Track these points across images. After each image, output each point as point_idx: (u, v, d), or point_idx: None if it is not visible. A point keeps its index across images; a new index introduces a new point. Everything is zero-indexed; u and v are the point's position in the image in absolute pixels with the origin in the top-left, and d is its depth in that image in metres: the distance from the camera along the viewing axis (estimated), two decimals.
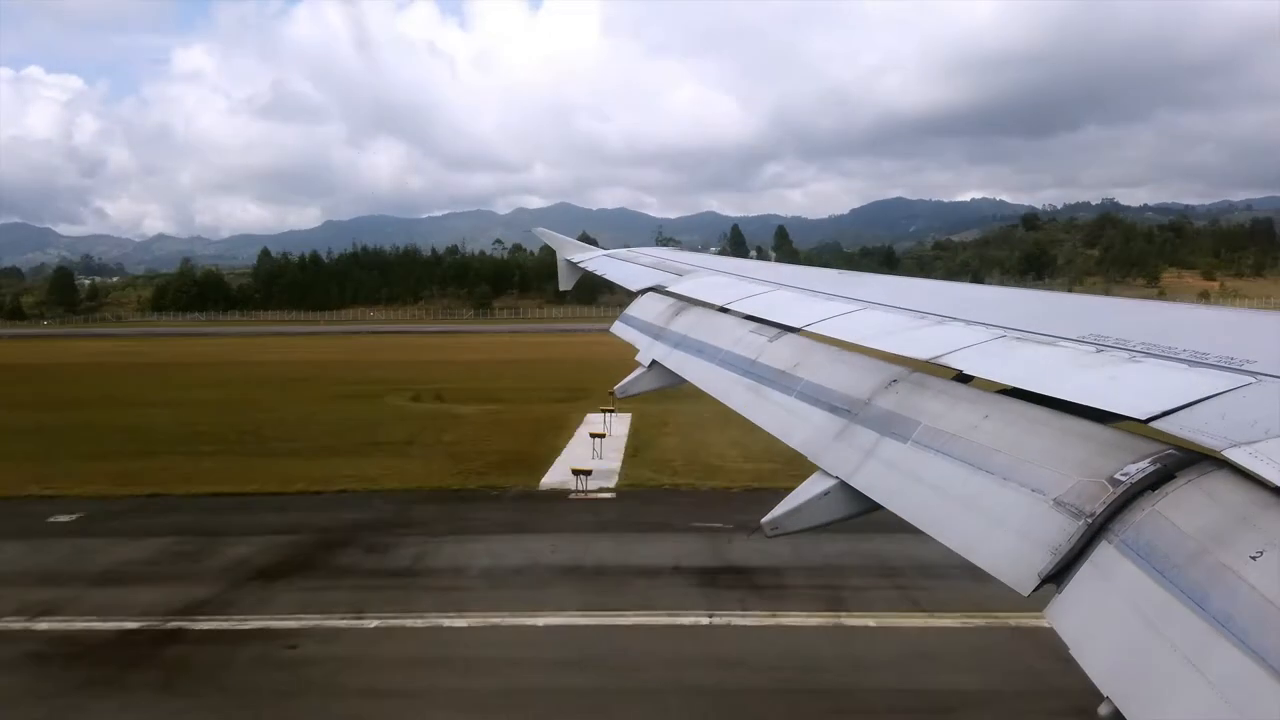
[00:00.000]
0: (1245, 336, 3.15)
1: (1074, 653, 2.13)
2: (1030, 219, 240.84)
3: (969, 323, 4.14)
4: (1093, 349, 3.28)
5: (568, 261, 14.11)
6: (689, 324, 6.95)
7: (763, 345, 5.32)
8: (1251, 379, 2.55)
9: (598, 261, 12.93)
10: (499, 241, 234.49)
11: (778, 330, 5.41)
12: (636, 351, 7.57)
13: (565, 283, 14.31)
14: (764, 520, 3.76)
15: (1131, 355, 3.09)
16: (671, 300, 7.96)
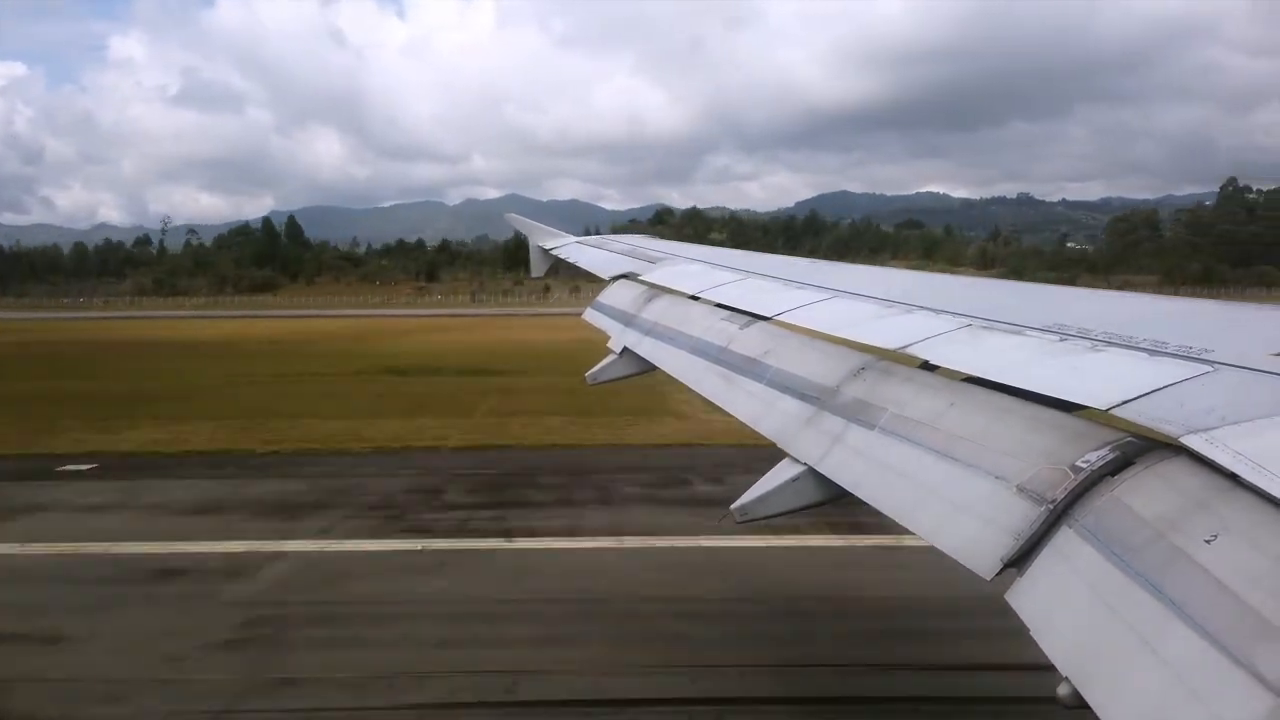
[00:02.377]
0: (1204, 327, 3.21)
1: (1034, 634, 2.18)
2: (664, 214, 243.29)
3: (936, 311, 4.18)
4: (1056, 338, 3.33)
5: (540, 248, 14.01)
6: (660, 311, 6.95)
7: (734, 333, 5.34)
8: (1209, 368, 2.60)
9: (570, 248, 12.85)
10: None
11: (749, 318, 5.43)
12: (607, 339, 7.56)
13: (537, 269, 14.22)
14: (733, 506, 3.79)
15: (1094, 344, 3.15)
16: (643, 288, 7.96)
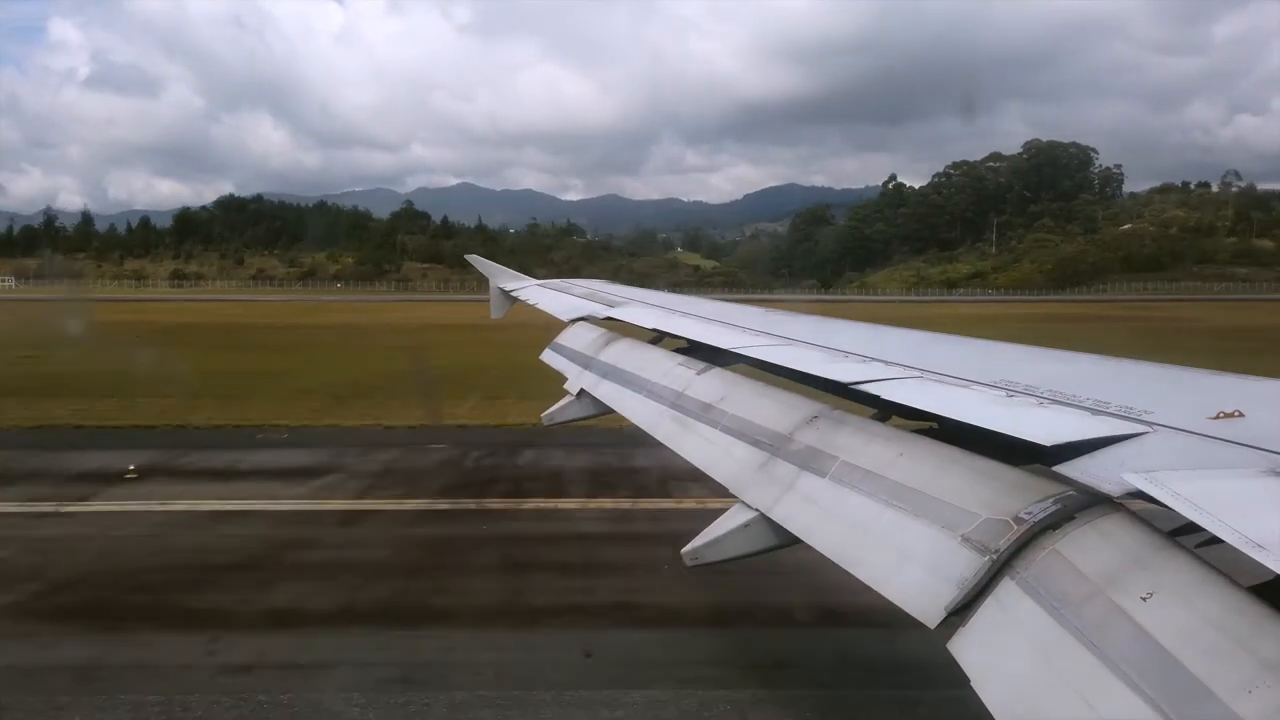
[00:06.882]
0: (1145, 389, 3.31)
1: (975, 685, 2.18)
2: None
3: (888, 364, 4.25)
4: (1003, 394, 3.41)
5: (500, 290, 13.93)
6: (618, 354, 6.96)
7: (690, 378, 5.36)
8: (1148, 429, 2.68)
9: (530, 291, 12.83)
10: None
11: (705, 364, 5.47)
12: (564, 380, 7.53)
13: (497, 310, 14.08)
14: (684, 550, 3.76)
15: (1039, 401, 3.22)
16: (601, 331, 7.97)
